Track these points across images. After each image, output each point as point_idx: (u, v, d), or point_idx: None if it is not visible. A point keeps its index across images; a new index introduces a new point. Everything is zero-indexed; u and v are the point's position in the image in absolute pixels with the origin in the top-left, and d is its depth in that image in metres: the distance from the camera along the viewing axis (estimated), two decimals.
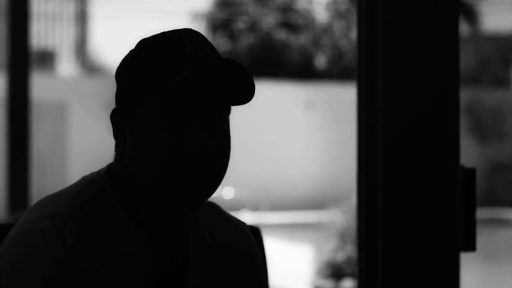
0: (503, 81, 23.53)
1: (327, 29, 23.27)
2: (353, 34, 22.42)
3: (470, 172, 2.09)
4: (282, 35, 22.50)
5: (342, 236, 8.30)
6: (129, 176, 1.56)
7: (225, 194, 14.95)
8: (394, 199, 2.07)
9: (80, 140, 16.58)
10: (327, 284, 8.14)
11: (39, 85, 14.90)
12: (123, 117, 1.56)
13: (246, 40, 22.53)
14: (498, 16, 24.15)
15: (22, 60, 4.53)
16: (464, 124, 18.85)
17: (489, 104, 19.52)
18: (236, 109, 1.62)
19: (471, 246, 2.09)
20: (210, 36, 22.99)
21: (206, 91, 1.50)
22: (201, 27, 23.43)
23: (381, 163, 2.07)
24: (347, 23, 23.13)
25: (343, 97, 18.36)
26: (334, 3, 23.80)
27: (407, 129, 2.08)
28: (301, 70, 22.30)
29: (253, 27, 22.74)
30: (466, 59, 22.45)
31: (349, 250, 8.11)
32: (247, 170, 17.37)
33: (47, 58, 25.20)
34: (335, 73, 22.47)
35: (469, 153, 18.97)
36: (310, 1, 23.84)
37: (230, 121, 1.59)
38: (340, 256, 8.12)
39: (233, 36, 22.89)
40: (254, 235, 1.84)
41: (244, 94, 1.52)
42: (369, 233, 2.10)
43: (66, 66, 25.75)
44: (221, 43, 22.58)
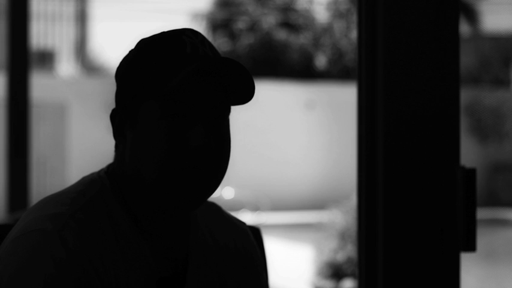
0: (503, 81, 23.54)
1: (327, 29, 23.28)
2: (353, 34, 22.43)
3: (470, 172, 2.08)
4: (282, 35, 22.50)
5: (342, 236, 8.30)
6: (130, 176, 1.56)
7: (225, 194, 14.95)
8: (395, 199, 2.07)
9: (80, 140, 16.58)
10: (327, 284, 8.14)
11: (39, 85, 14.92)
12: (123, 117, 1.56)
13: (246, 40, 22.53)
14: (498, 16, 24.16)
15: (22, 60, 4.53)
16: (464, 124, 18.85)
17: (489, 104, 19.52)
18: (236, 109, 1.62)
19: (471, 246, 2.09)
20: (210, 36, 23.00)
21: (206, 91, 1.50)
22: (201, 27, 23.44)
23: (381, 163, 2.07)
24: (347, 23, 23.14)
25: (343, 97, 18.37)
26: (334, 3, 23.80)
27: (407, 129, 2.08)
28: (301, 70, 22.31)
29: (253, 27, 22.75)
30: (467, 59, 22.46)
31: (349, 250, 8.11)
32: (247, 170, 17.37)
33: (47, 58, 25.20)
34: (335, 73, 22.47)
35: (470, 153, 18.97)
36: (310, 1, 23.85)
37: (230, 121, 1.59)
38: (340, 256, 8.12)
39: (233, 36, 22.89)
40: (254, 235, 1.84)
41: (244, 94, 1.52)
42: (369, 233, 2.10)
43: (65, 66, 25.76)
44: (221, 43, 22.58)
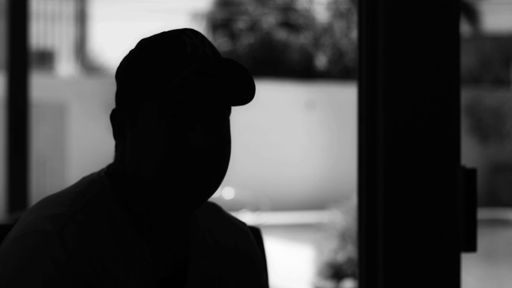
0: (504, 81, 23.54)
1: (328, 29, 23.29)
2: (354, 34, 22.44)
3: (471, 172, 2.08)
4: (282, 35, 22.51)
5: (343, 237, 8.30)
6: (130, 177, 1.56)
7: (225, 195, 14.95)
8: (395, 199, 2.06)
9: (80, 140, 16.59)
10: (328, 285, 8.14)
11: (38, 85, 14.92)
12: (123, 117, 1.56)
13: (246, 40, 22.54)
14: (499, 16, 24.17)
15: (21, 60, 4.52)
16: (465, 124, 18.86)
17: (490, 104, 19.52)
18: (236, 109, 1.62)
19: (472, 246, 2.09)
20: (210, 36, 23.01)
21: (206, 91, 1.50)
22: (201, 27, 23.45)
23: (382, 163, 2.07)
24: (347, 23, 23.15)
25: (343, 97, 18.37)
26: (334, 2, 23.81)
27: (408, 129, 2.07)
28: (301, 70, 22.32)
29: (253, 27, 22.75)
30: (467, 59, 22.46)
31: (349, 250, 8.11)
32: (247, 170, 17.38)
33: (46, 58, 25.21)
34: (335, 73, 22.48)
35: (470, 153, 18.98)
36: (310, 1, 23.86)
37: (230, 121, 1.58)
38: (340, 257, 8.12)
39: (233, 36, 22.90)
40: (254, 235, 1.83)
41: (244, 94, 1.52)
42: (370, 234, 2.10)
43: (65, 66, 25.77)
44: (221, 43, 22.59)
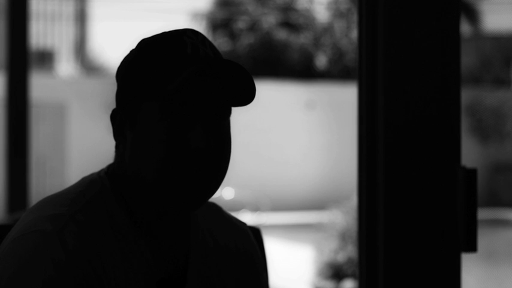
0: (504, 81, 23.54)
1: (328, 29, 23.29)
2: (354, 34, 22.45)
3: (471, 172, 2.08)
4: (283, 35, 22.51)
5: (343, 237, 8.30)
6: (130, 177, 1.56)
7: (226, 195, 14.95)
8: (395, 199, 2.06)
9: (80, 141, 16.59)
10: (328, 285, 8.14)
11: (38, 85, 14.92)
12: (123, 117, 1.56)
13: (246, 40, 22.54)
14: (499, 16, 24.17)
15: (21, 60, 4.52)
16: (465, 124, 18.86)
17: (490, 104, 19.52)
18: (236, 109, 1.62)
19: (472, 247, 2.08)
20: (210, 36, 23.01)
21: (207, 92, 1.50)
22: (201, 26, 23.45)
23: (382, 163, 2.07)
24: (348, 23, 23.15)
25: (343, 97, 18.37)
26: (334, 2, 23.81)
27: (408, 129, 2.07)
28: (301, 70, 22.32)
29: (253, 26, 22.76)
30: (467, 59, 22.46)
31: (349, 251, 8.10)
32: (247, 170, 17.38)
33: (46, 58, 25.21)
34: (336, 73, 22.48)
35: (470, 153, 18.98)
36: (310, 1, 23.86)
37: (231, 121, 1.58)
38: (340, 257, 8.12)
39: (233, 36, 22.90)
40: (254, 236, 1.83)
41: (244, 95, 1.52)
42: (370, 234, 2.09)
43: (65, 66, 25.77)
44: (221, 43, 22.59)
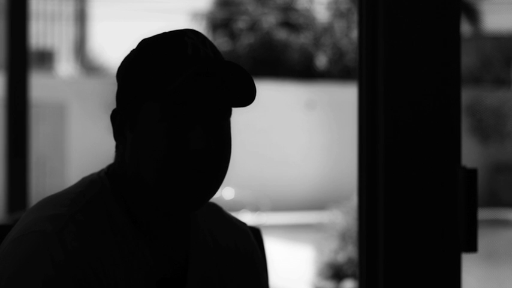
0: (504, 81, 23.53)
1: (328, 29, 23.29)
2: (354, 34, 22.45)
3: (471, 173, 2.08)
4: (283, 35, 22.51)
5: (343, 237, 8.30)
6: (130, 177, 1.55)
7: (226, 195, 14.96)
8: (395, 200, 2.06)
9: (80, 141, 16.59)
10: (328, 285, 8.14)
11: (38, 85, 14.91)
12: (123, 117, 1.55)
13: (246, 40, 22.54)
14: (500, 16, 24.17)
15: (21, 60, 4.52)
16: (465, 124, 18.85)
17: (491, 104, 19.52)
18: (236, 109, 1.62)
19: (472, 247, 2.08)
20: (210, 36, 23.02)
21: (207, 93, 1.50)
22: (201, 26, 23.45)
23: (382, 163, 2.06)
24: (348, 23, 23.15)
25: (343, 97, 18.37)
26: (335, 2, 23.81)
27: (408, 129, 2.07)
28: (301, 70, 22.32)
29: (253, 26, 22.76)
30: (468, 59, 22.46)
31: (350, 251, 8.10)
32: (247, 171, 17.38)
33: (46, 58, 25.20)
34: (336, 73, 22.48)
35: (471, 153, 18.98)
36: (310, 0, 23.86)
37: (231, 122, 1.58)
38: (341, 257, 8.12)
39: (233, 35, 22.90)
40: (254, 236, 1.83)
41: (245, 96, 1.52)
42: (370, 234, 2.09)
43: (65, 66, 25.76)
44: (221, 43, 22.59)
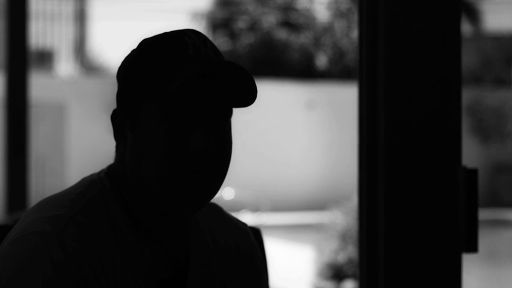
0: (505, 81, 23.53)
1: (328, 29, 23.29)
2: (354, 33, 22.45)
3: (472, 173, 2.07)
4: (283, 35, 22.51)
5: (343, 237, 8.30)
6: (130, 178, 1.55)
7: (226, 195, 14.96)
8: (396, 200, 2.06)
9: (79, 141, 16.59)
10: (328, 285, 8.14)
11: (37, 85, 14.90)
12: (123, 117, 1.55)
13: (247, 39, 22.54)
14: (500, 16, 24.17)
15: (21, 60, 4.52)
16: (466, 124, 18.85)
17: (491, 104, 19.52)
18: (236, 109, 1.61)
19: (473, 247, 2.08)
20: (210, 35, 23.02)
21: (208, 93, 1.49)
22: (201, 26, 23.45)
23: (382, 163, 2.06)
24: (348, 23, 23.14)
25: (344, 97, 18.37)
26: (335, 2, 23.81)
27: (408, 129, 2.07)
28: (302, 70, 22.32)
29: (253, 26, 22.76)
30: (468, 59, 22.45)
31: (350, 251, 8.10)
32: (247, 171, 17.38)
33: (46, 58, 25.19)
34: (336, 73, 22.48)
35: (471, 153, 18.98)
36: (310, 0, 23.85)
37: (231, 122, 1.58)
38: (341, 257, 8.12)
39: (233, 35, 22.90)
40: (255, 236, 1.83)
41: (246, 97, 1.51)
42: (370, 234, 2.09)
43: (65, 66, 25.76)
44: (221, 42, 22.59)
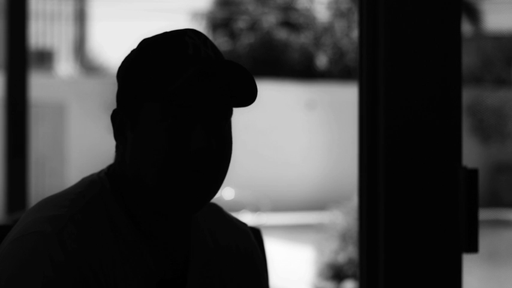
0: (505, 81, 23.51)
1: (328, 28, 23.29)
2: (354, 33, 22.44)
3: (472, 173, 2.07)
4: (283, 35, 22.51)
5: (343, 237, 8.30)
6: (130, 178, 1.55)
7: (226, 195, 14.96)
8: (396, 200, 2.06)
9: (79, 141, 16.59)
10: (328, 286, 8.14)
11: (37, 85, 14.90)
12: (123, 117, 1.55)
13: (247, 39, 22.54)
14: (501, 15, 24.16)
15: (20, 59, 4.53)
16: (466, 124, 18.85)
17: (492, 104, 19.52)
18: (236, 109, 1.61)
19: (473, 247, 2.08)
20: (210, 35, 23.01)
21: (208, 93, 1.49)
22: (201, 26, 23.45)
23: (383, 163, 2.06)
24: (348, 22, 23.15)
25: (344, 97, 18.37)
26: (335, 2, 23.81)
27: (409, 129, 2.07)
28: (302, 70, 22.32)
29: (253, 26, 22.76)
30: (469, 59, 22.44)
31: (350, 251, 8.10)
32: (247, 171, 17.38)
33: (46, 58, 25.18)
34: (336, 73, 22.48)
35: (472, 153, 18.98)
36: (311, 0, 23.85)
37: (231, 121, 1.57)
38: (341, 257, 8.12)
39: (233, 35, 22.90)
40: (255, 236, 1.83)
41: (246, 96, 1.51)
42: (371, 234, 2.09)
43: (64, 66, 25.75)
44: (221, 42, 22.59)
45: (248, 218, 13.61)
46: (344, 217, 8.55)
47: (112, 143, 1.64)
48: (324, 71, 22.62)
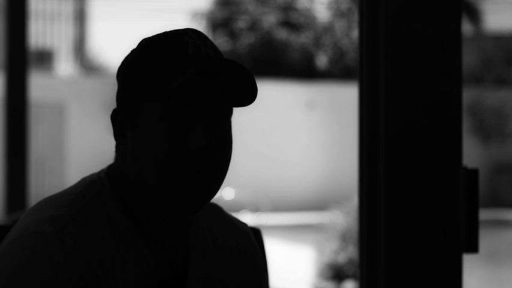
0: (506, 80, 23.51)
1: (328, 28, 23.29)
2: (354, 33, 22.45)
3: (473, 173, 2.07)
4: (283, 34, 22.51)
5: (344, 238, 8.30)
6: (130, 178, 1.55)
7: (226, 195, 14.96)
8: (396, 200, 2.06)
9: (79, 141, 16.59)
10: (328, 286, 8.14)
11: (37, 85, 14.90)
12: (123, 117, 1.55)
13: (247, 39, 22.54)
14: (501, 15, 24.16)
15: (20, 59, 4.53)
16: (467, 124, 18.85)
17: (492, 104, 19.52)
18: (236, 109, 1.61)
19: (474, 247, 2.08)
20: (210, 35, 23.01)
21: (208, 93, 1.49)
22: (201, 26, 23.45)
23: (383, 163, 2.06)
24: (348, 22, 23.15)
25: (344, 97, 18.38)
26: (335, 2, 23.81)
27: (409, 129, 2.07)
28: (302, 70, 22.32)
29: (253, 26, 22.76)
30: (469, 59, 22.44)
31: (350, 251, 8.10)
32: (247, 171, 17.38)
33: (45, 58, 25.19)
34: (336, 73, 22.48)
35: (472, 153, 18.98)
36: (311, 0, 23.85)
37: (232, 122, 1.57)
38: (341, 257, 8.12)
39: (233, 35, 22.90)
40: (255, 236, 1.83)
41: (246, 96, 1.51)
42: (371, 234, 2.09)
43: (64, 65, 25.75)
44: (221, 42, 22.59)
45: (248, 218, 13.61)
46: (344, 217, 8.55)
47: (112, 143, 1.64)
48: (324, 71, 22.62)
